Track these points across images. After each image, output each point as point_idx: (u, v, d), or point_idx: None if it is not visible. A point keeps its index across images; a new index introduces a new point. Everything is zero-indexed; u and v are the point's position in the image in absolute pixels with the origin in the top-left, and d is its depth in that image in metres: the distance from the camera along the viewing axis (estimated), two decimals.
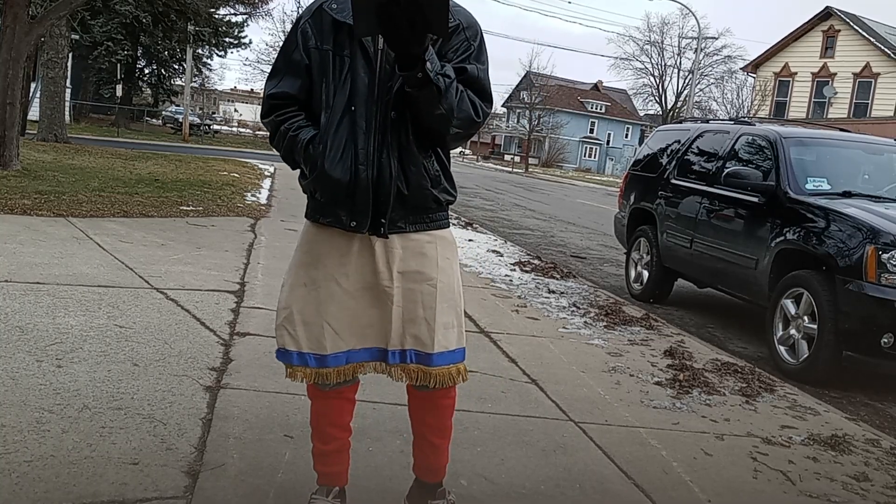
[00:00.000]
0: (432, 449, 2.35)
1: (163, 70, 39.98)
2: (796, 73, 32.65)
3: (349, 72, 2.04)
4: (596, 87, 68.36)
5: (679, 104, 49.07)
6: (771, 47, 33.89)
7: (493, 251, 8.66)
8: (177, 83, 42.57)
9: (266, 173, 16.56)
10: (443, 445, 2.36)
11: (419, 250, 2.15)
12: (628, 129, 67.01)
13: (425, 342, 2.16)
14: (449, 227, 2.24)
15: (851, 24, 30.47)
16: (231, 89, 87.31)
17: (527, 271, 7.54)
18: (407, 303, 2.14)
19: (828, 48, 31.52)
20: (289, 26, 50.87)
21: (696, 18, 36.98)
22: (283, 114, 2.14)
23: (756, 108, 34.20)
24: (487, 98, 2.10)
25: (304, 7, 2.19)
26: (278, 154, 2.21)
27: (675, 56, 50.80)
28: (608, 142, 65.94)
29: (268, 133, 2.23)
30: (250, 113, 79.08)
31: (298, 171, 2.20)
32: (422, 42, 1.84)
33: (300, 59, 2.11)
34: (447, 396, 2.28)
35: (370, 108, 2.03)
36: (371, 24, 1.82)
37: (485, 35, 2.19)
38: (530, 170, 46.34)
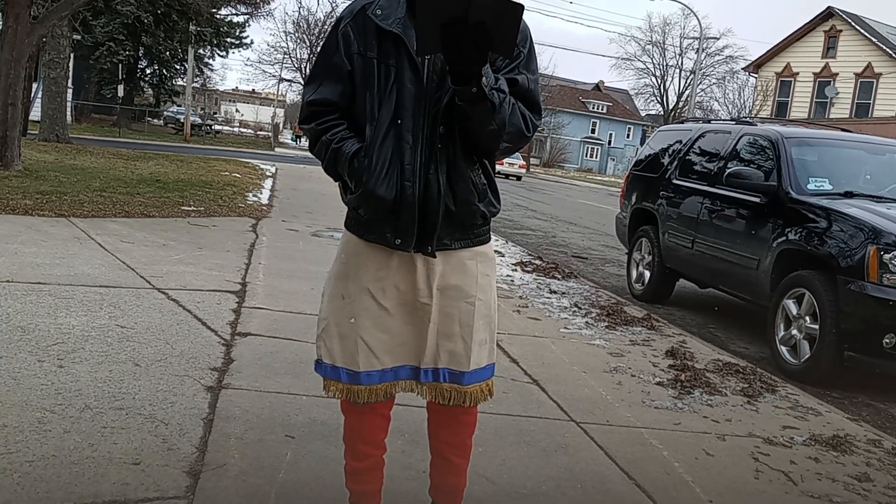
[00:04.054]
0: (451, 469, 2.27)
1: (164, 70, 40.00)
2: (798, 74, 32.62)
3: (395, 82, 1.95)
4: (597, 87, 68.37)
5: (681, 104, 49.08)
6: (772, 47, 33.86)
7: (495, 251, 8.64)
8: (178, 83, 42.61)
9: (267, 173, 16.58)
10: (462, 466, 2.29)
11: (460, 266, 2.08)
12: (630, 129, 66.95)
13: (460, 360, 2.10)
14: (490, 241, 2.17)
15: (853, 24, 30.44)
16: (233, 89, 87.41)
17: (528, 271, 7.54)
18: (443, 319, 2.08)
19: (829, 48, 31.49)
20: (290, 27, 50.74)
21: (697, 19, 37.07)
22: (324, 122, 2.05)
23: (758, 108, 34.17)
24: (537, 110, 2.02)
25: (345, 7, 2.09)
26: (318, 161, 2.11)
27: (677, 56, 50.91)
28: (610, 142, 65.92)
29: (307, 140, 2.14)
30: (252, 113, 79.23)
31: (330, 178, 2.13)
32: (484, 61, 1.77)
33: (341, 64, 2.01)
34: (469, 413, 2.22)
35: (417, 122, 1.95)
36: (434, 44, 1.73)
37: None
38: (531, 170, 46.32)
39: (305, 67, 44.11)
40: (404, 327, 2.10)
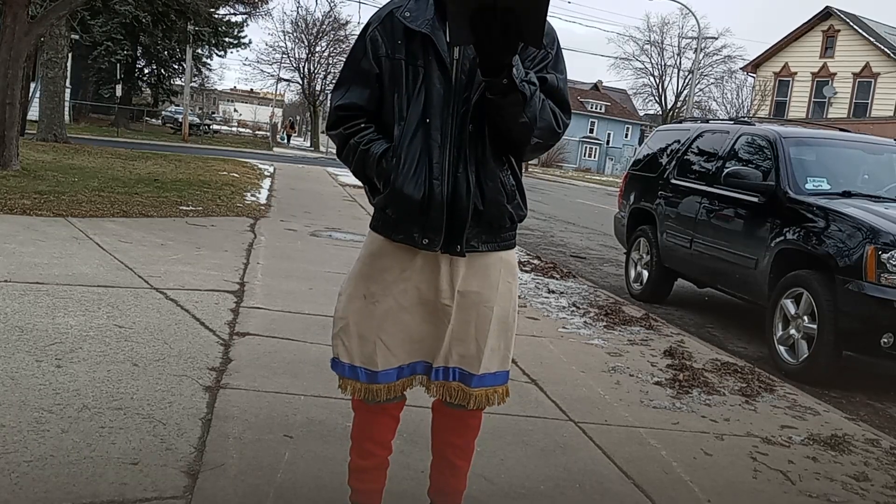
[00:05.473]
0: (452, 471, 2.28)
1: (162, 70, 39.99)
2: (796, 73, 32.65)
3: (423, 82, 1.96)
4: (596, 86, 68.33)
5: (679, 104, 49.07)
6: (771, 47, 33.88)
7: None
8: (176, 83, 42.59)
9: (266, 173, 16.57)
10: (463, 468, 2.29)
11: (483, 271, 2.08)
12: (628, 129, 66.95)
13: (471, 362, 2.11)
14: (514, 247, 2.16)
15: (851, 23, 30.47)
16: (231, 89, 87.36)
17: (526, 271, 7.53)
18: (460, 323, 2.09)
19: (827, 48, 31.51)
20: (288, 26, 50.70)
21: (695, 18, 37.00)
22: (351, 126, 2.06)
23: (756, 107, 34.21)
24: (567, 109, 2.03)
25: (374, 14, 2.10)
26: (347, 168, 2.12)
27: (675, 56, 50.86)
28: (608, 142, 65.91)
29: (335, 146, 2.15)
30: (250, 113, 79.20)
31: (359, 181, 2.12)
32: (514, 50, 1.78)
33: (369, 68, 2.03)
34: (476, 417, 2.23)
35: (446, 120, 1.96)
36: (466, 33, 1.75)
37: None
38: (530, 170, 46.31)
39: (303, 67, 44.09)
40: (423, 325, 2.10)
